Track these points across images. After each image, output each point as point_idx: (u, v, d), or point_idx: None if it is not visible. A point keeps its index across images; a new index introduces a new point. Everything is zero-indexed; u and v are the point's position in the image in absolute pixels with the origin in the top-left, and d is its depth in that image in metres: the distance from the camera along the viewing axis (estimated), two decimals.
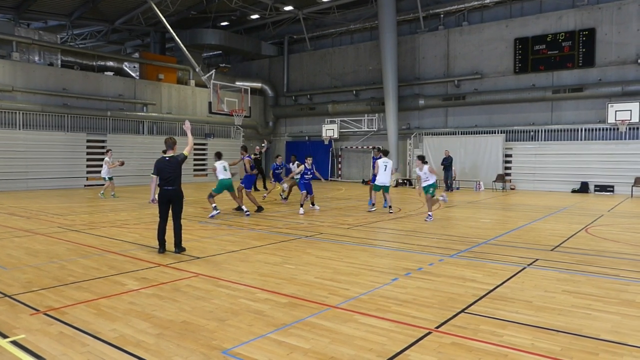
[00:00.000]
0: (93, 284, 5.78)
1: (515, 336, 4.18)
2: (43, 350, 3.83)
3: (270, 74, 32.54)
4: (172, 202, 7.57)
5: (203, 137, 27.24)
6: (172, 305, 4.98)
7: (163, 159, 7.57)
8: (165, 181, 7.48)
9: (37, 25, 28.98)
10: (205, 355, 3.76)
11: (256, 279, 6.04)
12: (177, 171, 7.55)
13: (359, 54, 28.36)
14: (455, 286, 5.75)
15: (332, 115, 28.88)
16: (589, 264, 7.05)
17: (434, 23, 25.66)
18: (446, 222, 11.59)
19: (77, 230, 9.85)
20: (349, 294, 5.42)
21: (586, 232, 10.03)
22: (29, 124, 20.81)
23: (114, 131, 23.60)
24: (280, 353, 3.81)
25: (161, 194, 7.55)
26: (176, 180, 7.52)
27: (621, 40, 20.38)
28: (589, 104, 21.25)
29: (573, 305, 5.04)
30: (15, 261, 7.01)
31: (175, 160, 7.55)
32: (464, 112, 24.57)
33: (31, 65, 21.89)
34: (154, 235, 8.15)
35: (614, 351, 3.89)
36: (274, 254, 7.63)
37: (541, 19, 22.18)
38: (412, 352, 3.83)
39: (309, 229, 10.24)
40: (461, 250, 7.94)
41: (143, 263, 6.91)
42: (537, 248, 8.23)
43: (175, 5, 24.96)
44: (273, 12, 27.54)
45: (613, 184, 20.01)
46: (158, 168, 7.54)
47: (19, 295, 5.31)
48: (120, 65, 26.41)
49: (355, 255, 7.60)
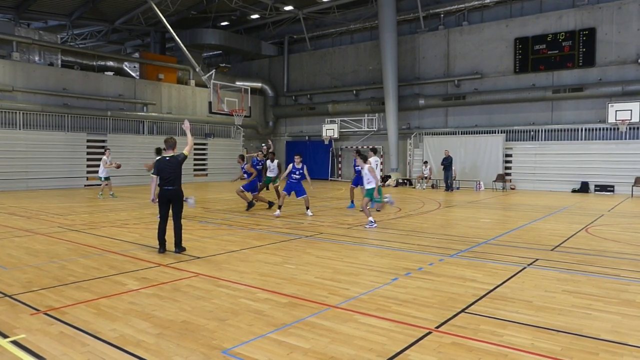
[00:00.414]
0: (93, 284, 5.78)
1: (516, 336, 4.18)
2: (43, 350, 3.84)
3: (271, 73, 32.54)
4: (172, 202, 7.57)
5: (203, 137, 27.25)
6: (172, 305, 4.98)
7: (163, 159, 7.56)
8: (165, 181, 7.48)
9: (37, 25, 28.99)
10: (205, 355, 3.76)
11: (256, 279, 6.04)
12: (177, 171, 7.55)
13: (359, 54, 28.35)
14: (456, 286, 5.75)
15: (332, 115, 28.87)
16: (589, 263, 7.05)
17: (434, 23, 25.65)
18: (446, 222, 11.58)
19: (78, 230, 9.85)
20: (349, 294, 5.42)
21: (586, 232, 10.03)
22: (29, 124, 20.82)
23: (114, 131, 23.60)
24: (281, 353, 3.81)
25: (161, 194, 7.55)
26: (176, 180, 7.52)
27: (621, 40, 20.38)
28: (589, 103, 21.25)
29: (573, 305, 5.04)
30: (16, 261, 7.01)
31: (176, 160, 7.54)
32: (464, 112, 24.57)
33: (31, 65, 21.89)
34: (154, 235, 8.16)
35: (614, 351, 3.89)
36: (274, 253, 7.63)
37: (541, 18, 22.17)
38: (412, 352, 3.83)
39: (309, 228, 10.24)
40: (461, 250, 7.94)
41: (143, 263, 6.92)
42: (537, 248, 8.22)
43: (175, 5, 24.96)
44: (273, 12, 27.54)
45: (613, 184, 20.01)
46: (158, 168, 7.55)
47: (19, 295, 5.31)
48: (121, 65, 26.41)
49: (356, 255, 7.60)
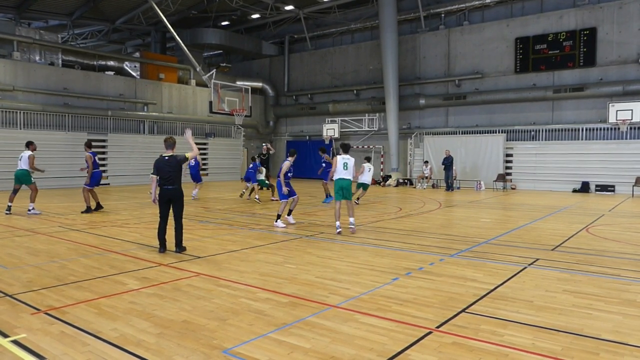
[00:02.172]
0: (94, 284, 5.78)
1: (516, 336, 4.17)
2: (44, 349, 3.84)
3: (271, 73, 32.53)
4: (173, 202, 7.56)
5: (204, 136, 27.25)
6: (173, 305, 4.98)
7: (162, 158, 7.57)
8: (165, 180, 7.49)
9: (38, 24, 29.00)
10: (205, 355, 3.76)
11: (257, 279, 6.04)
12: (177, 170, 7.55)
13: (359, 54, 28.35)
14: (456, 286, 5.74)
15: (333, 114, 28.86)
16: (590, 263, 7.04)
17: (435, 22, 25.64)
18: (447, 221, 11.58)
19: (78, 229, 9.85)
20: (350, 294, 5.41)
21: (587, 231, 10.03)
22: (30, 124, 20.82)
23: (114, 131, 23.60)
24: (281, 352, 3.81)
25: (161, 193, 7.56)
26: (176, 180, 7.52)
27: (622, 40, 20.36)
28: (589, 103, 21.24)
29: (574, 305, 5.04)
30: (16, 260, 7.01)
31: (175, 160, 7.55)
32: (465, 111, 24.56)
33: (32, 64, 21.90)
34: (154, 235, 8.15)
35: (615, 351, 3.88)
36: (275, 253, 7.63)
37: (542, 18, 22.16)
38: (413, 352, 3.83)
39: (309, 228, 10.24)
40: (462, 250, 7.94)
41: (144, 262, 6.92)
42: (537, 248, 8.22)
43: (176, 4, 24.96)
44: (274, 11, 27.54)
45: (614, 184, 20.00)
46: (157, 167, 7.56)
47: (19, 294, 5.31)
48: (121, 64, 26.41)
49: (356, 254, 7.59)
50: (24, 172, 12.16)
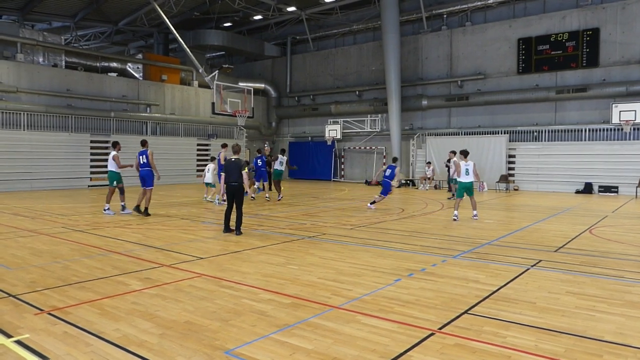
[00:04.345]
0: (97, 284, 5.80)
1: (519, 337, 4.16)
2: (47, 349, 3.85)
3: (273, 74, 32.57)
4: (235, 195, 9.40)
5: (206, 137, 27.29)
6: (175, 306, 4.99)
7: (230, 160, 9.43)
8: (230, 178, 9.35)
9: (42, 26, 29.13)
10: (208, 356, 3.76)
11: (259, 280, 6.05)
12: (239, 171, 9.37)
13: (361, 55, 28.36)
14: (458, 287, 5.73)
15: (335, 115, 28.89)
16: (593, 265, 7.02)
17: (437, 23, 25.63)
18: (449, 222, 11.56)
19: (81, 230, 9.88)
20: (352, 295, 5.41)
21: (590, 233, 10.00)
22: (33, 125, 20.90)
23: (117, 132, 23.64)
24: (283, 353, 3.81)
25: (227, 188, 9.45)
26: (238, 178, 9.35)
27: (625, 40, 20.31)
28: (593, 104, 21.19)
29: (577, 307, 5.02)
30: (20, 261, 7.04)
31: (238, 162, 9.43)
32: (467, 112, 24.53)
33: (35, 66, 21.99)
34: (157, 236, 8.18)
35: (618, 353, 3.87)
36: (277, 254, 7.64)
37: (544, 19, 22.13)
38: (415, 353, 3.82)
39: (311, 229, 10.25)
40: (464, 251, 7.93)
41: (146, 263, 6.93)
42: (540, 249, 8.20)
43: (179, 6, 25.02)
44: (276, 12, 27.57)
45: (617, 185, 19.94)
46: (226, 167, 9.47)
47: (23, 295, 5.33)
48: (124, 66, 26.50)
49: (358, 255, 7.59)
50: (111, 173, 12.79)
